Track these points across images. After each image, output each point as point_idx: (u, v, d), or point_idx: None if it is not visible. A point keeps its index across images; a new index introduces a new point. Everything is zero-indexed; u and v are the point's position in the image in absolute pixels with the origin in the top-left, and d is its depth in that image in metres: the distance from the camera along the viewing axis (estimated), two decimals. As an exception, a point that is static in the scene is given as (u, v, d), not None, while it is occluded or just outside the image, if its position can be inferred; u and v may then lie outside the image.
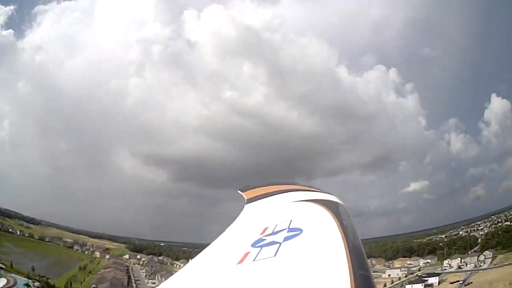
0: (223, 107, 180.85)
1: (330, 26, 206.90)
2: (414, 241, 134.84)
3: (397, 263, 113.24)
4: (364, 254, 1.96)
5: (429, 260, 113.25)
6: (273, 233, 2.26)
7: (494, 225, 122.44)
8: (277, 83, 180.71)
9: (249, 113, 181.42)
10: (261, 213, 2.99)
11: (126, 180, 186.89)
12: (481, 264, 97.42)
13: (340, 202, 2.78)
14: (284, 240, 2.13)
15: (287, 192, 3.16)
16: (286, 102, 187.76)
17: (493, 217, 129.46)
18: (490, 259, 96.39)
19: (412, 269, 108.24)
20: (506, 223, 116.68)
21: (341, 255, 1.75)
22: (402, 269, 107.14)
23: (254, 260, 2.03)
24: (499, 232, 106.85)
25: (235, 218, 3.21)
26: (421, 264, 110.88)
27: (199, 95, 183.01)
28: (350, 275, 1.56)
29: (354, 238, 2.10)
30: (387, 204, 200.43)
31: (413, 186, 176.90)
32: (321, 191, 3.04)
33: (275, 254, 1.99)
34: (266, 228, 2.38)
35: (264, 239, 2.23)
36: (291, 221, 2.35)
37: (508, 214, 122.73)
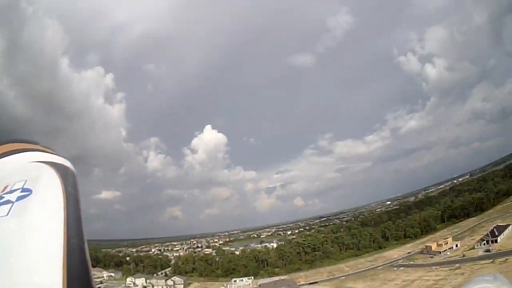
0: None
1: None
2: (103, 250, 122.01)
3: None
4: (82, 225, 1.96)
5: (112, 274, 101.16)
6: (10, 192, 2.19)
7: (192, 249, 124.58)
8: (9, 58, 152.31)
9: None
10: (6, 170, 2.60)
11: None
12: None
13: (72, 168, 2.52)
14: (16, 200, 2.15)
15: (34, 151, 2.52)
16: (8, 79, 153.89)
17: (192, 240, 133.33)
18: (182, 285, 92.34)
19: (96, 280, 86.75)
20: (206, 250, 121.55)
21: (59, 222, 1.68)
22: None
23: None
24: (196, 259, 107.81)
25: None
26: (105, 277, 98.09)
27: None
28: (63, 243, 1.53)
29: (75, 206, 2.07)
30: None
31: (105, 194, 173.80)
32: (57, 154, 2.64)
33: (8, 213, 2.02)
34: (6, 186, 2.29)
35: (3, 197, 2.20)
36: (26, 181, 2.23)
37: (210, 240, 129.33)
